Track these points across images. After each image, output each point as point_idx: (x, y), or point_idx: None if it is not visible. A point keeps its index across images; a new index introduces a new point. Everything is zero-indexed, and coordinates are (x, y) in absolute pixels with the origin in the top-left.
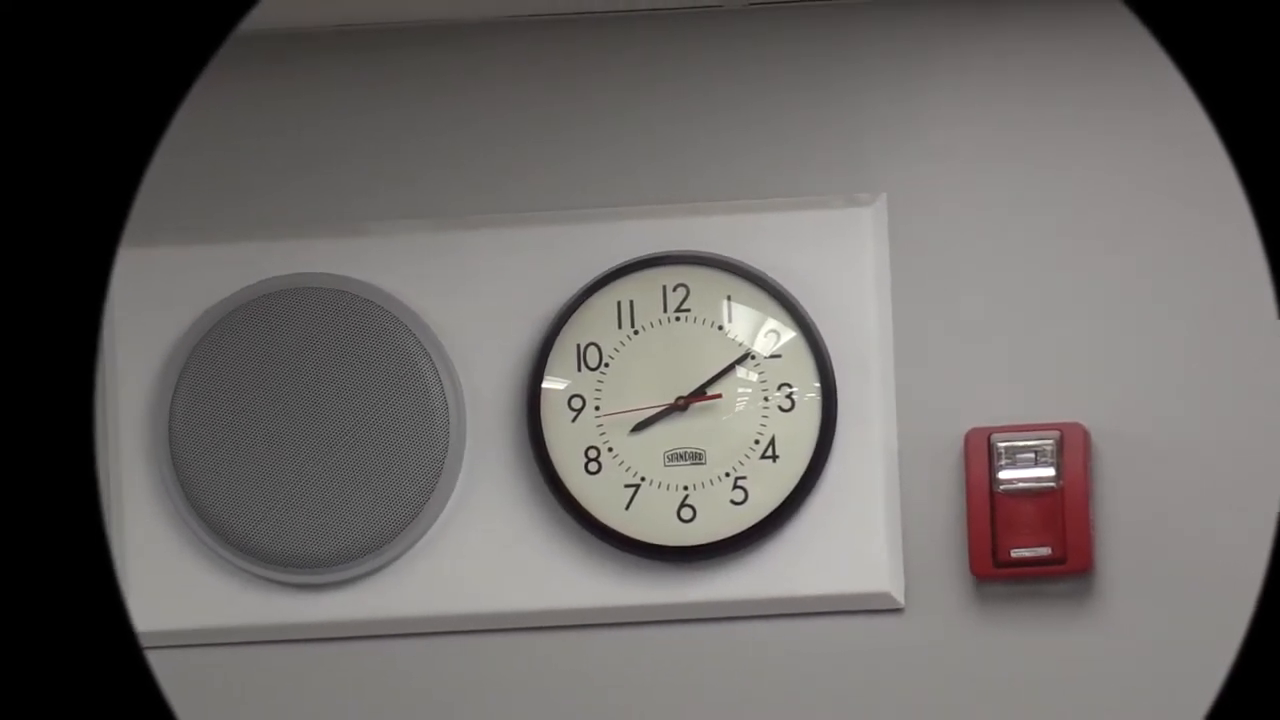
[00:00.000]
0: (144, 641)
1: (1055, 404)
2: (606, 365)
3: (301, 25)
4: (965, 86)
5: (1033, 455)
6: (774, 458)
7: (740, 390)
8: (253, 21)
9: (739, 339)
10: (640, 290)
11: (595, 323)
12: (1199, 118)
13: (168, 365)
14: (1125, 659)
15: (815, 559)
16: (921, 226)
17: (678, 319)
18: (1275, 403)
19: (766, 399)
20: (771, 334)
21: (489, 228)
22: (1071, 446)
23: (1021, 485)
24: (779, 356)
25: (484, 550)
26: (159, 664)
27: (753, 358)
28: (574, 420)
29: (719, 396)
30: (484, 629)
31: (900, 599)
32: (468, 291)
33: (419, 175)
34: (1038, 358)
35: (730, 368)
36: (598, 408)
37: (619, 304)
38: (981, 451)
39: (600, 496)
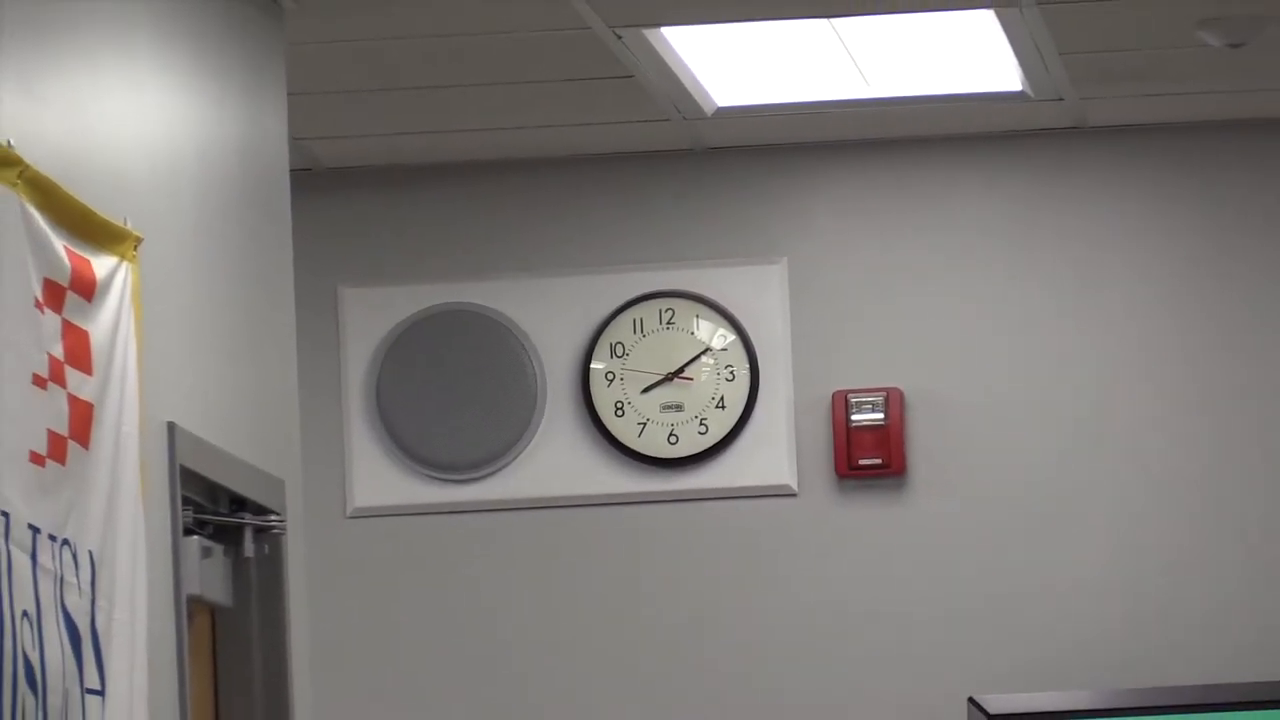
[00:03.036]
0: (360, 514)
1: (884, 376)
2: (627, 355)
3: (460, 159)
4: (837, 199)
5: (871, 405)
6: (723, 407)
7: (703, 369)
8: (441, 155)
9: (702, 340)
10: (646, 312)
11: (621, 330)
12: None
13: (376, 354)
14: (924, 526)
15: (748, 465)
16: (807, 276)
17: (667, 328)
18: (1021, 373)
19: (718, 374)
20: (721, 337)
21: (561, 277)
22: (894, 401)
23: (865, 423)
24: (726, 350)
25: (556, 461)
26: (368, 528)
27: (710, 351)
28: (608, 386)
29: (691, 380)
30: (555, 506)
31: (795, 488)
32: (548, 312)
33: (520, 248)
34: (875, 351)
35: (697, 357)
36: (622, 379)
37: (634, 320)
38: (841, 403)
39: (623, 429)
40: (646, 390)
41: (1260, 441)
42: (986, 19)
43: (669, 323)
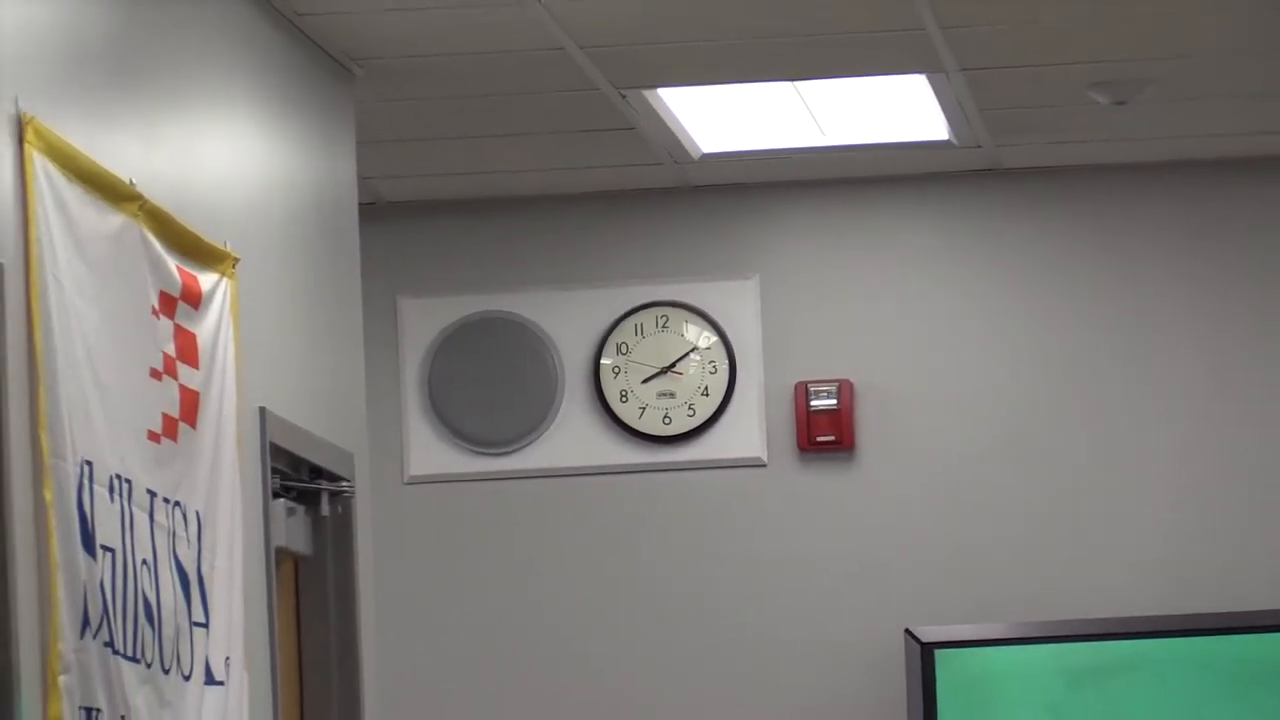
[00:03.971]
0: (414, 480)
1: (837, 370)
2: (630, 352)
3: (495, 195)
4: (799, 228)
5: (826, 393)
6: (707, 395)
7: (691, 364)
8: (480, 191)
9: (690, 340)
10: (646, 317)
11: (625, 333)
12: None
13: (428, 352)
14: (869, 490)
15: (727, 441)
16: (775, 290)
17: (662, 331)
18: (949, 366)
19: (703, 368)
20: (706, 338)
21: (577, 289)
22: (845, 390)
23: (821, 408)
24: (709, 349)
25: (572, 439)
26: (421, 492)
27: (696, 349)
28: (615, 377)
29: (681, 373)
30: (571, 474)
31: (765, 460)
32: (566, 318)
33: (544, 266)
34: (830, 350)
35: (686, 354)
36: (626, 372)
37: (635, 324)
38: (802, 391)
39: (627, 413)
40: (646, 381)
41: (1137, 415)
42: (919, 82)
43: (663, 327)
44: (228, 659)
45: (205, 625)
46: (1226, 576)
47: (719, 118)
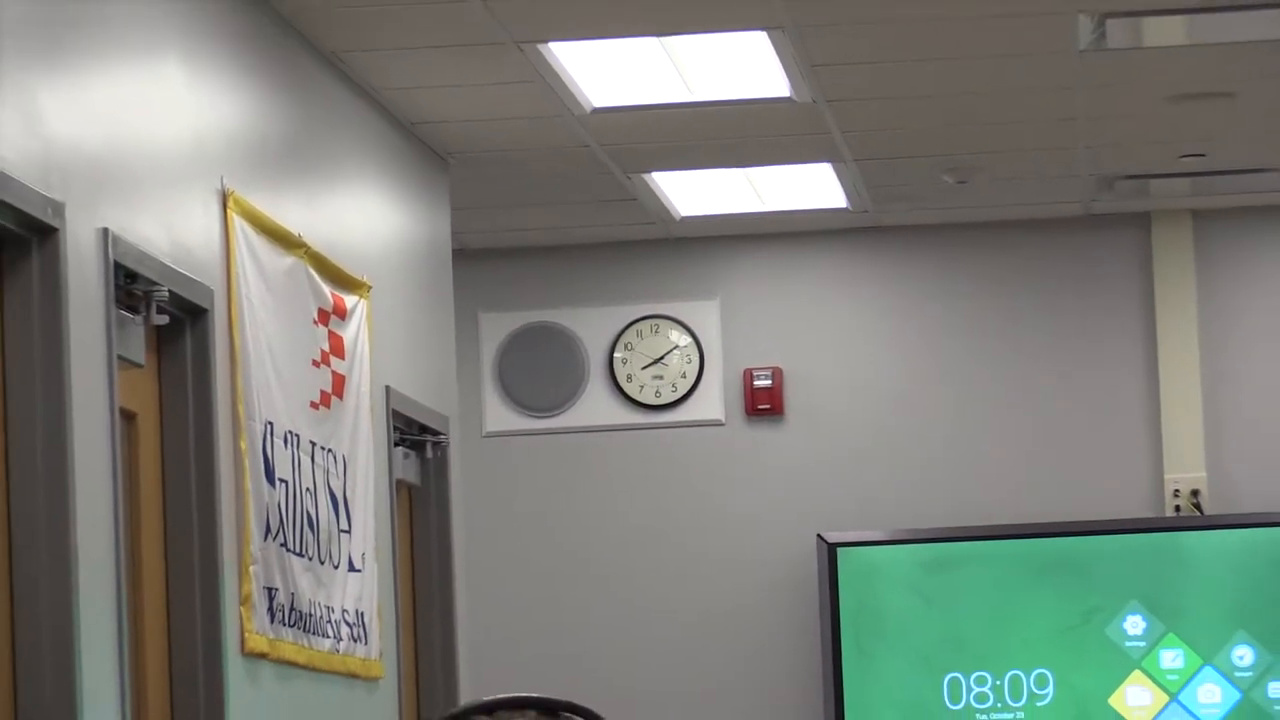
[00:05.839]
0: (489, 435)
1: (772, 360)
2: (634, 349)
3: (544, 244)
4: (745, 265)
5: (765, 376)
6: (685, 377)
7: (674, 357)
8: (533, 241)
9: (674, 341)
10: (644, 326)
11: (630, 336)
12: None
13: (499, 348)
14: (795, 443)
15: (699, 409)
16: (731, 307)
17: (655, 335)
18: (852, 359)
19: (683, 360)
20: (684, 339)
21: (597, 307)
22: (777, 374)
23: (761, 386)
24: (686, 347)
25: (594, 406)
26: (494, 443)
27: (678, 347)
28: (624, 366)
29: (667, 364)
30: (594, 431)
31: (724, 421)
32: (591, 325)
33: (576, 290)
34: (767, 347)
35: (670, 350)
36: (631, 361)
37: (637, 330)
38: (749, 375)
39: (632, 389)
40: (644, 368)
41: (977, 391)
42: (826, 168)
43: (656, 331)
44: (364, 554)
45: (348, 531)
46: (1034, 498)
47: (692, 191)
